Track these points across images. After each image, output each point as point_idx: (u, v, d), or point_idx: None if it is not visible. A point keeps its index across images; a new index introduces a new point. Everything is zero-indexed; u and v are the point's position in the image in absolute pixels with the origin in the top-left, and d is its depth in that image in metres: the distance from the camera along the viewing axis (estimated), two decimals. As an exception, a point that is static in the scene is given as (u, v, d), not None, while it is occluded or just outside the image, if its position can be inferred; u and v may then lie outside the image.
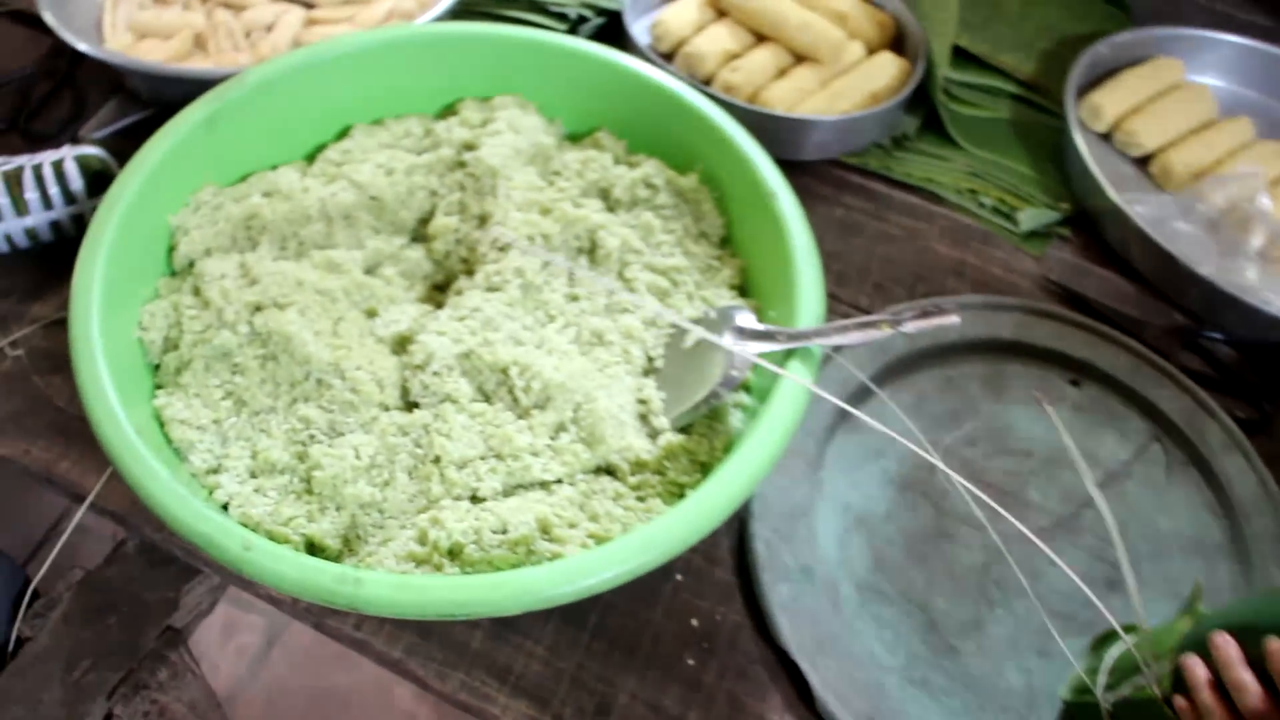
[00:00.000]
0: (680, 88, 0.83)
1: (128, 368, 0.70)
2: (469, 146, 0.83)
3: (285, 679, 1.23)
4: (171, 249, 0.77)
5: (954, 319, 0.66)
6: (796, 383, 0.66)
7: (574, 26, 1.09)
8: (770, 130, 0.93)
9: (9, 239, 0.88)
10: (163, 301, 0.73)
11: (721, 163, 0.81)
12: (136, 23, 1.04)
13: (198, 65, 1.01)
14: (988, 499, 0.68)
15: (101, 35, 1.04)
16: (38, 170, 0.88)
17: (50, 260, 0.89)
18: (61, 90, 1.06)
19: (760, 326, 0.70)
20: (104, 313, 0.68)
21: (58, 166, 0.88)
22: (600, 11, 1.10)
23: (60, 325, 0.87)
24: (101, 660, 0.76)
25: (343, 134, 0.87)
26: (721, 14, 1.11)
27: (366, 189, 0.80)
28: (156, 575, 0.79)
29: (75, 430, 0.80)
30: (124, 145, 0.88)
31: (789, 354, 0.68)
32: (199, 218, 0.77)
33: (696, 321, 0.73)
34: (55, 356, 0.84)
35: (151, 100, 1.02)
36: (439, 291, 0.82)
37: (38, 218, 0.88)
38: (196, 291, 0.73)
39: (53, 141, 1.00)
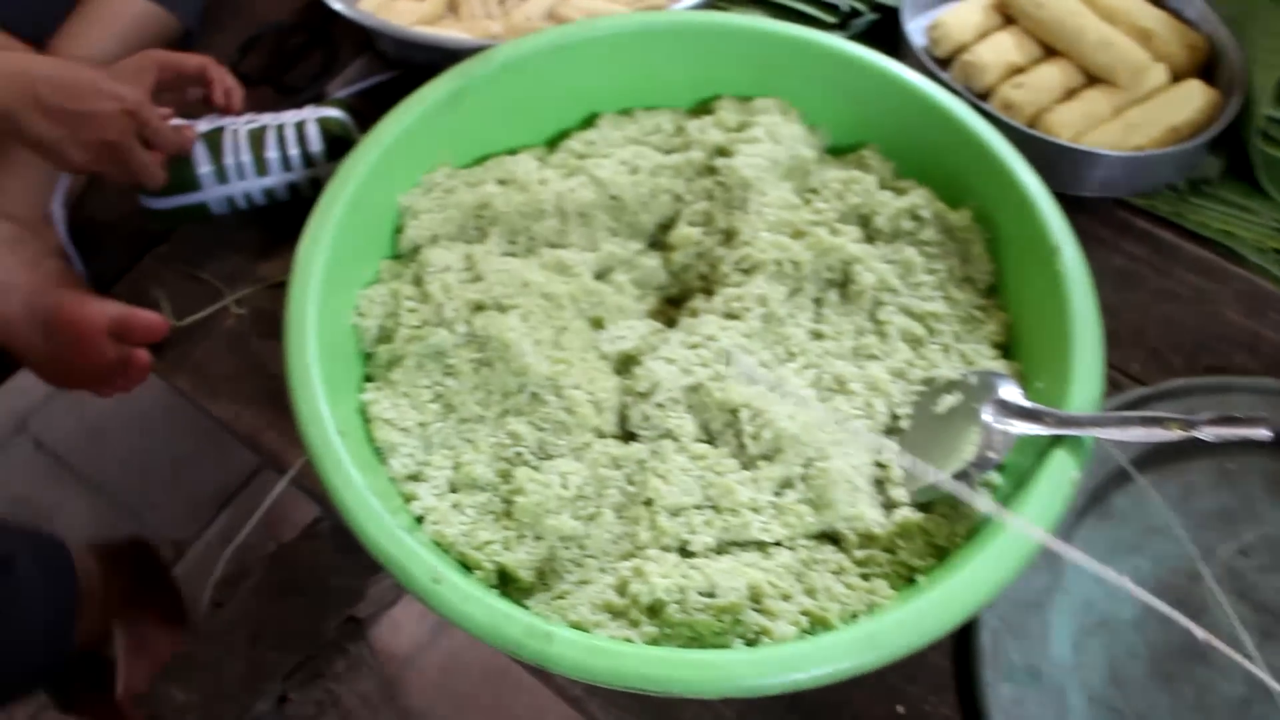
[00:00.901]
0: (964, 111, 0.74)
1: (340, 354, 0.67)
2: (722, 152, 0.77)
3: (463, 650, 1.21)
4: (398, 230, 0.73)
5: (1263, 433, 0.56)
6: (1061, 480, 0.58)
7: (845, 20, 1.01)
8: (1050, 160, 0.83)
9: (248, 197, 0.87)
10: (383, 287, 0.70)
11: (1000, 202, 0.72)
12: (393, -24, 1.01)
13: (445, 32, 0.97)
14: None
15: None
16: (280, 131, 0.86)
17: (283, 219, 0.87)
18: (315, 44, 1.05)
19: (1026, 404, 0.61)
20: (323, 295, 0.65)
21: (300, 128, 0.87)
22: (875, 6, 1.01)
23: (284, 288, 0.86)
24: (283, 640, 0.75)
25: (588, 121, 0.82)
26: (1009, 20, 1.00)
27: (607, 187, 0.75)
28: (346, 561, 0.77)
29: (285, 401, 0.78)
30: (368, 106, 0.86)
31: (1054, 440, 0.59)
32: (430, 200, 0.73)
33: (954, 384, 0.65)
34: (275, 320, 0.82)
35: (398, 62, 0.99)
36: (672, 305, 0.76)
37: (276, 178, 0.87)
38: (418, 281, 0.70)
39: (301, 96, 0.99)
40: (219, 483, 1.28)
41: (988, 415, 0.61)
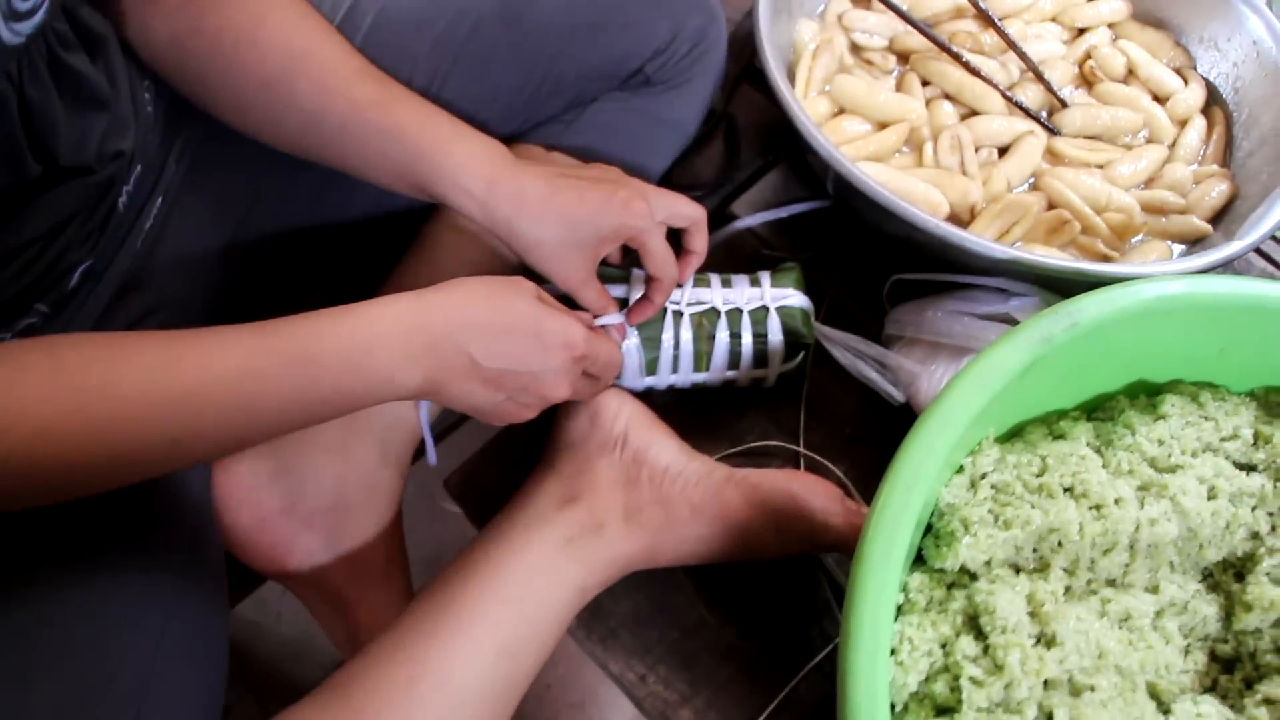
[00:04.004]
0: None
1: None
2: (1320, 486, 0.60)
3: None
4: (928, 529, 0.58)
5: None
6: None
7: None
8: None
9: (672, 388, 0.71)
10: (926, 624, 0.54)
11: None
12: (840, 90, 0.83)
13: (915, 187, 0.78)
14: None
15: (792, 81, 0.84)
16: (734, 318, 0.69)
17: (703, 404, 0.71)
18: (713, 133, 0.87)
19: None
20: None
21: (758, 319, 0.70)
22: None
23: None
24: None
25: (1133, 390, 0.65)
26: None
27: (1189, 518, 0.58)
28: None
29: (705, 667, 0.63)
30: (778, 235, 0.69)
31: None
32: (981, 506, 0.57)
33: None
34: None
35: (836, 197, 0.81)
36: (1217, 663, 0.60)
37: (714, 374, 0.70)
38: (975, 630, 0.54)
39: (698, 201, 0.82)
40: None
41: None
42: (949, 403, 0.56)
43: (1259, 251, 0.90)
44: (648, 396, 0.72)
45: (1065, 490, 0.59)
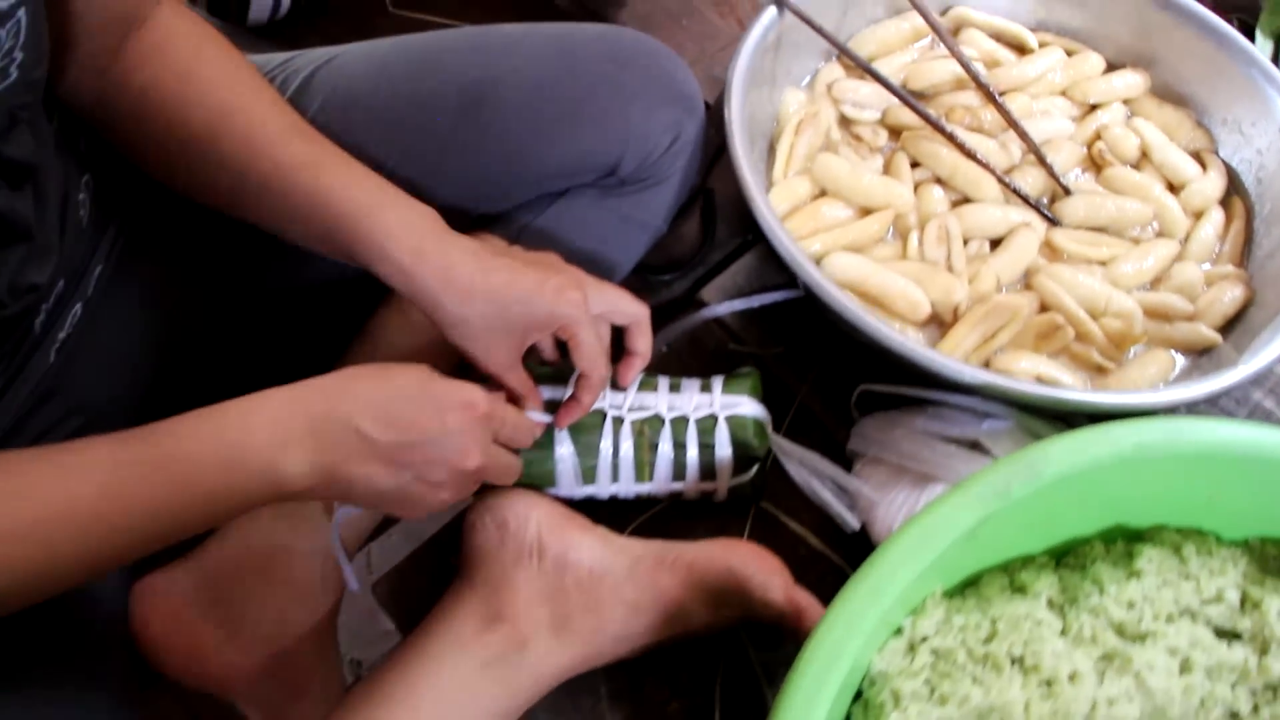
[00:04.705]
0: None
1: None
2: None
3: None
4: (858, 697, 0.52)
5: None
6: None
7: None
8: None
9: (614, 498, 0.66)
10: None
11: None
12: (822, 170, 0.77)
13: (893, 283, 0.72)
14: None
15: (773, 160, 0.78)
16: (680, 428, 0.64)
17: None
18: (689, 206, 0.82)
19: None
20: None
21: (706, 428, 0.64)
22: None
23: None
24: None
25: (1109, 536, 0.59)
26: None
27: (1154, 697, 0.52)
28: None
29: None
30: (748, 326, 0.63)
31: None
32: (917, 678, 0.52)
33: None
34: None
35: (807, 290, 0.75)
36: None
37: (659, 485, 0.65)
38: (898, 826, 0.48)
39: (666, 290, 0.77)
40: None
41: None
42: (882, 569, 0.50)
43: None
44: (588, 505, 0.67)
45: (1014, 661, 0.53)
